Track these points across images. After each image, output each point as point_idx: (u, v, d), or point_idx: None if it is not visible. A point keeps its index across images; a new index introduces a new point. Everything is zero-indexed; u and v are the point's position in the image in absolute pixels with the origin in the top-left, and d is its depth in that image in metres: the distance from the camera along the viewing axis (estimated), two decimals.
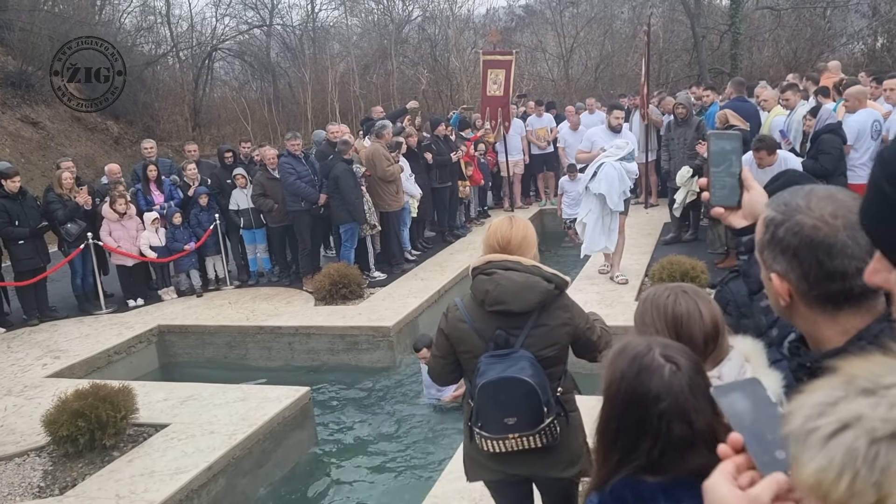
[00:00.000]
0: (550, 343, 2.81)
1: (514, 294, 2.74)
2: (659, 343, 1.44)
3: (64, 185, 8.60)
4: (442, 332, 2.95)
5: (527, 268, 2.78)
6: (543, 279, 2.79)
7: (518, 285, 2.75)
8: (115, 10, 24.21)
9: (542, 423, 2.73)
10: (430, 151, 10.29)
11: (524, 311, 2.77)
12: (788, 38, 20.95)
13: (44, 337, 7.97)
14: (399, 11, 26.22)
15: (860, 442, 0.60)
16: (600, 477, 1.42)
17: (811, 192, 1.30)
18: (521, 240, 2.85)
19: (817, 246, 1.25)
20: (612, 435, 1.39)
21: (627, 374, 1.38)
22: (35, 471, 5.00)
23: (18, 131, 16.87)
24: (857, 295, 1.26)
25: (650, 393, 1.35)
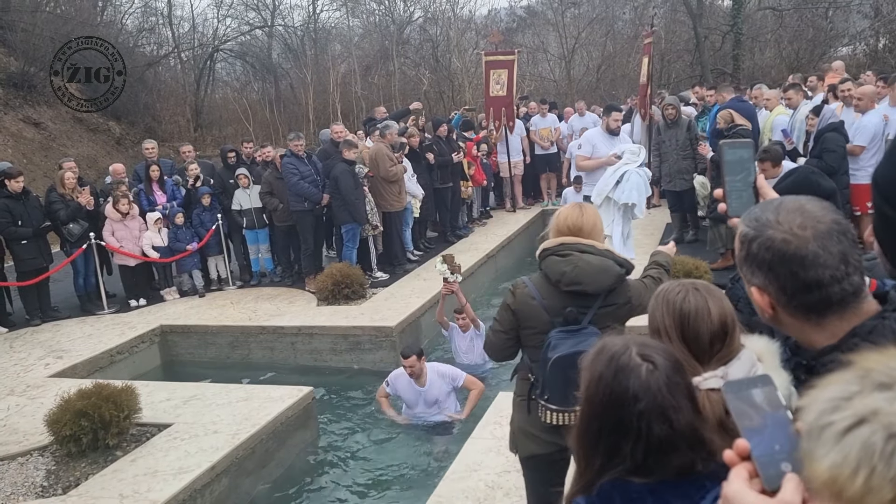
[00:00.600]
0: (614, 322, 3.00)
1: (591, 276, 2.93)
2: (636, 342, 1.43)
3: (66, 185, 8.60)
4: (509, 307, 3.09)
5: (601, 251, 2.98)
6: (616, 263, 2.98)
7: (594, 268, 2.94)
8: (117, 10, 24.25)
9: None
10: (432, 152, 10.29)
11: (597, 293, 2.96)
12: (790, 38, 20.95)
13: (46, 337, 7.97)
14: (401, 12, 26.25)
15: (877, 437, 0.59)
16: (585, 480, 1.40)
17: (780, 206, 1.32)
18: (592, 226, 3.04)
19: (790, 259, 1.27)
20: (594, 437, 1.38)
21: (605, 374, 1.38)
22: (38, 470, 5.00)
23: (21, 132, 16.88)
24: (836, 301, 1.28)
25: (628, 393, 1.34)
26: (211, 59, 24.85)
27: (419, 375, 5.82)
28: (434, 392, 5.87)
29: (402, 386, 5.97)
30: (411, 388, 5.91)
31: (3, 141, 16.19)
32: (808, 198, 1.34)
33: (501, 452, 4.62)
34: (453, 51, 23.25)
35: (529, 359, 3.11)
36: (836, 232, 1.28)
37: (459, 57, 22.90)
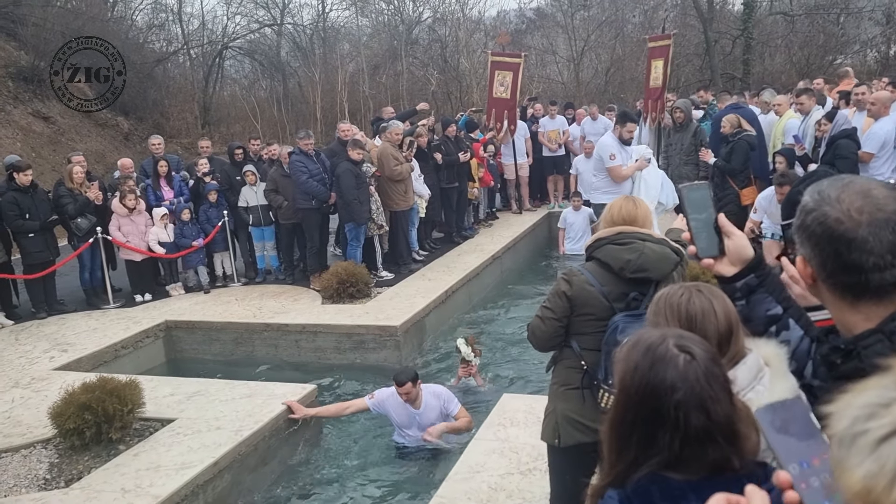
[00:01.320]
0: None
1: (654, 263, 3.07)
2: (673, 334, 1.42)
3: (75, 179, 8.62)
4: (564, 294, 3.15)
5: (659, 240, 3.13)
6: (672, 251, 3.13)
7: (658, 255, 3.08)
8: (127, 6, 24.33)
9: None
10: (440, 152, 10.28)
11: (660, 279, 3.04)
12: (801, 44, 20.89)
13: (52, 330, 7.99)
14: (409, 12, 26.27)
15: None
16: (616, 473, 1.38)
17: (848, 185, 1.32)
18: (645, 217, 3.18)
19: (838, 238, 1.28)
20: (628, 428, 1.37)
21: (641, 365, 1.36)
22: (41, 463, 5.00)
23: (30, 126, 16.94)
24: (874, 288, 1.30)
25: (665, 383, 1.33)
26: (220, 56, 24.91)
27: (414, 400, 5.46)
28: (430, 415, 5.45)
29: (393, 406, 5.53)
30: (405, 411, 5.48)
31: (12, 134, 16.25)
32: (880, 183, 1.35)
33: (505, 454, 4.61)
34: (462, 51, 23.24)
35: (580, 346, 3.17)
36: (893, 223, 1.28)
37: (468, 58, 22.89)
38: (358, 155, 8.62)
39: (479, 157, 11.40)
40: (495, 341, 7.96)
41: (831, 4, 21.32)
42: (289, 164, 8.86)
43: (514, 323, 8.45)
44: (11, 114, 16.70)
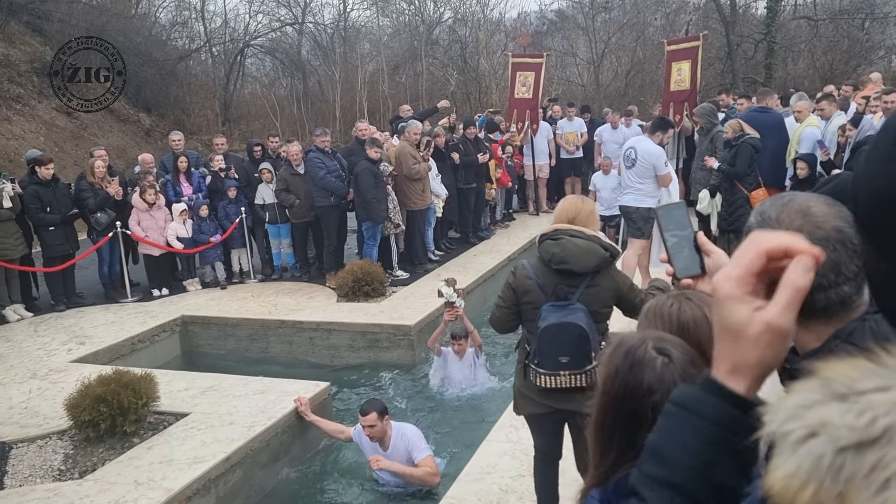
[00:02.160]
0: (599, 301, 3.42)
1: (577, 256, 3.36)
2: (653, 337, 1.43)
3: (96, 173, 8.72)
4: (510, 286, 3.56)
5: (589, 237, 3.40)
6: (601, 247, 3.40)
7: (581, 249, 3.37)
8: (151, 4, 24.54)
9: (589, 364, 3.32)
10: (458, 152, 10.27)
11: (583, 272, 3.38)
12: (825, 49, 20.64)
13: (70, 322, 8.08)
14: (430, 13, 26.29)
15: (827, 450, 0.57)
16: (599, 474, 1.40)
17: (787, 204, 1.31)
18: (588, 215, 3.48)
19: None
20: (609, 430, 1.39)
21: (621, 368, 1.38)
22: (56, 454, 5.06)
23: (53, 120, 17.16)
24: (820, 308, 1.27)
25: (642, 385, 1.34)
26: (241, 54, 25.07)
27: (381, 438, 4.88)
28: (397, 458, 4.89)
29: (365, 442, 5.03)
30: (373, 450, 4.97)
31: (36, 129, 16.47)
32: (821, 198, 1.33)
33: (516, 456, 4.59)
34: (482, 52, 23.22)
35: (528, 331, 3.57)
36: (833, 240, 1.26)
37: (488, 59, 22.86)
38: (376, 153, 8.64)
39: (497, 157, 11.38)
40: (509, 343, 7.93)
41: (856, 9, 21.06)
42: (306, 162, 8.90)
43: None
44: (35, 108, 16.92)
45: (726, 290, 0.83)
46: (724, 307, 0.84)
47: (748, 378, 0.84)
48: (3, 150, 14.72)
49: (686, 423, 0.87)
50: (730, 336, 0.84)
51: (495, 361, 7.19)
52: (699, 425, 0.85)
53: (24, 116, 16.54)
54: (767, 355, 0.82)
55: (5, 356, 7.09)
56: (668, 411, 0.90)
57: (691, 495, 0.86)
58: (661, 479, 0.88)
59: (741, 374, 0.84)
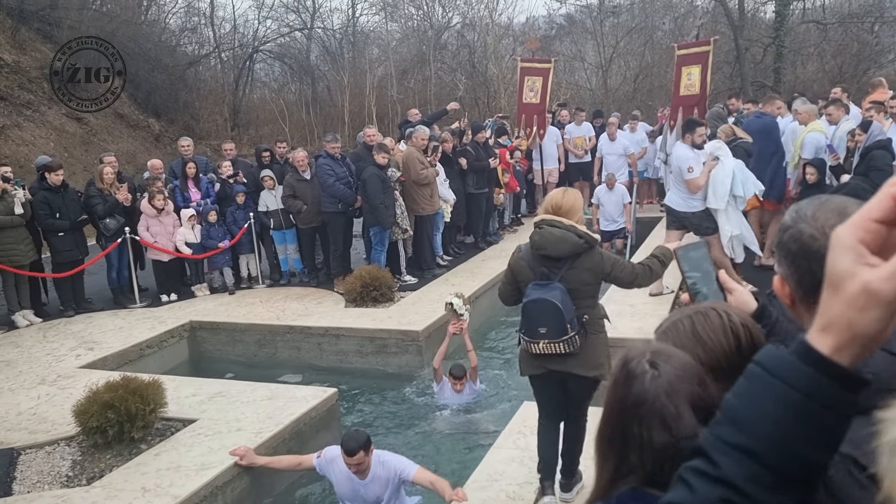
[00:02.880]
0: (579, 281, 3.93)
1: (552, 243, 3.88)
2: (653, 349, 1.41)
3: (105, 179, 8.75)
4: (510, 266, 4.15)
5: (565, 226, 3.87)
6: (576, 235, 3.87)
7: (556, 238, 3.87)
8: (161, 10, 24.69)
9: (566, 334, 3.86)
10: (467, 157, 10.26)
11: (560, 257, 3.89)
12: (834, 52, 20.54)
13: (79, 328, 8.10)
14: (439, 18, 26.32)
15: None
16: (599, 487, 1.39)
17: (824, 203, 1.31)
18: (570, 207, 3.94)
19: (811, 256, 1.25)
20: (605, 443, 1.38)
21: (619, 379, 1.38)
22: (64, 460, 5.06)
23: (63, 126, 17.26)
24: None
25: (629, 399, 1.34)
26: (250, 59, 25.18)
27: (364, 470, 4.50)
28: (376, 489, 4.50)
29: (336, 473, 4.60)
30: (347, 480, 4.54)
31: (46, 135, 16.57)
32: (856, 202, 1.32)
33: (524, 463, 4.57)
34: (490, 57, 23.23)
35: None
36: None
37: (496, 63, 22.87)
38: (384, 159, 8.63)
39: (505, 162, 11.37)
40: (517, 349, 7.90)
41: (865, 13, 20.95)
42: (316, 167, 8.90)
43: None
44: (46, 114, 17.03)
45: (841, 236, 0.77)
46: (832, 253, 0.78)
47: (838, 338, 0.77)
48: (13, 155, 14.80)
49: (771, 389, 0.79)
50: (830, 287, 0.78)
51: (492, 371, 7.16)
52: (786, 393, 0.78)
53: (35, 122, 16.65)
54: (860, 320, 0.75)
55: (15, 362, 7.11)
56: (752, 373, 0.82)
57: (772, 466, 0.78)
58: (738, 445, 0.81)
59: (831, 332, 0.77)
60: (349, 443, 4.39)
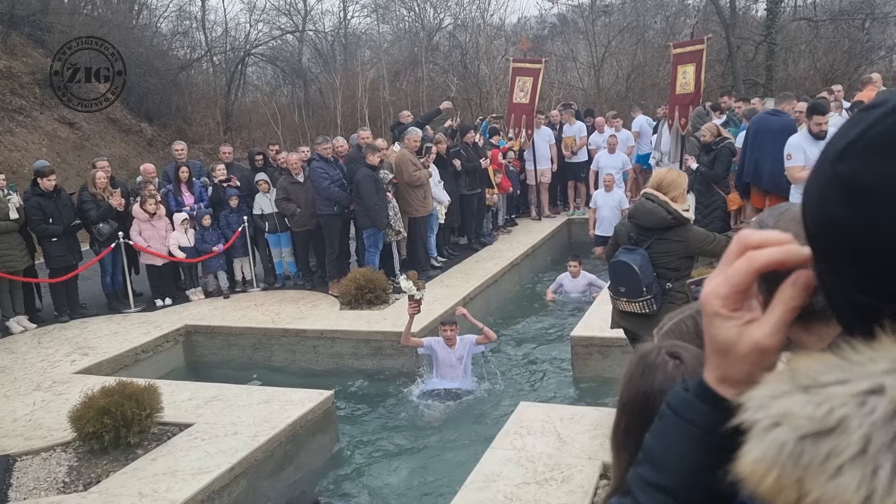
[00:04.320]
0: (665, 251, 4.38)
1: (643, 215, 4.41)
2: (668, 344, 1.47)
3: (98, 184, 8.73)
4: (615, 229, 4.87)
5: (659, 201, 4.33)
6: (666, 211, 4.31)
7: (646, 210, 4.38)
8: (152, 14, 24.64)
9: (642, 297, 4.34)
10: (459, 158, 10.27)
11: (649, 227, 4.38)
12: (825, 49, 20.63)
13: (73, 333, 8.08)
14: (430, 19, 26.35)
15: (789, 438, 0.62)
16: (617, 479, 1.43)
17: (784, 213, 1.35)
18: (669, 182, 4.37)
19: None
20: (624, 433, 1.42)
21: (635, 374, 1.42)
22: (60, 466, 5.05)
23: (55, 131, 17.21)
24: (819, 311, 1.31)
25: (654, 387, 1.38)
26: (242, 62, 25.13)
27: None
28: None
29: None
30: None
31: (38, 140, 16.51)
32: None
33: (521, 464, 4.57)
34: (482, 58, 23.25)
35: None
36: None
37: (488, 64, 22.89)
38: (376, 159, 8.64)
39: (497, 163, 11.38)
40: (513, 349, 7.93)
41: (856, 10, 21.05)
42: (309, 170, 8.90)
43: (532, 331, 8.41)
44: (38, 119, 16.97)
45: (714, 307, 0.82)
46: (712, 325, 0.83)
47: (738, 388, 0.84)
48: (6, 161, 14.75)
49: (678, 428, 0.87)
50: (718, 352, 0.84)
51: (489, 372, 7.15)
52: (690, 431, 0.86)
53: (27, 128, 16.59)
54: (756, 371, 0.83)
55: (9, 368, 7.09)
56: (663, 414, 0.91)
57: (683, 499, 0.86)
58: (654, 483, 0.89)
59: (730, 384, 0.84)
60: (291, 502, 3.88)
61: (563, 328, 8.04)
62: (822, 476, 0.59)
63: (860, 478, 0.58)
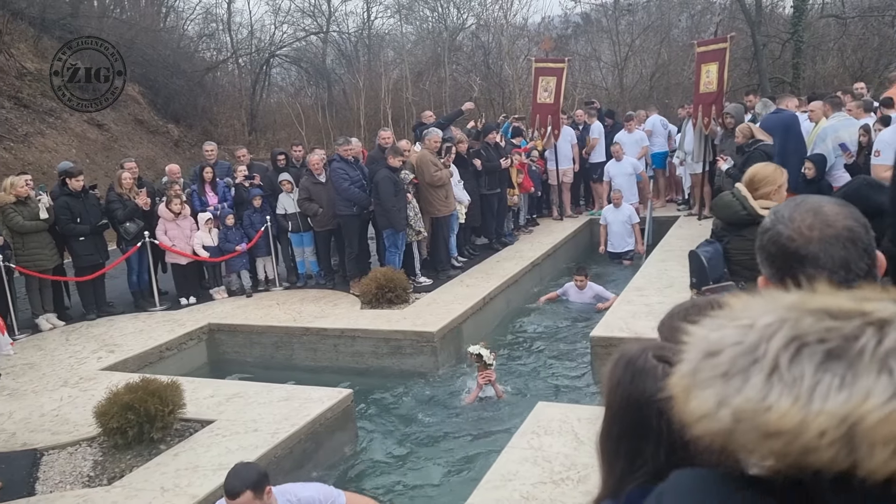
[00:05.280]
0: (741, 250, 4.12)
1: (720, 208, 4.31)
2: (653, 346, 1.44)
3: (124, 184, 8.89)
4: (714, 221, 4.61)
5: (738, 196, 4.13)
6: (741, 206, 4.09)
7: (723, 202, 4.24)
8: (179, 17, 24.99)
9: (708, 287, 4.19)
10: (480, 158, 10.28)
11: (727, 221, 4.19)
12: (854, 47, 20.30)
13: (100, 331, 8.24)
14: (453, 19, 26.37)
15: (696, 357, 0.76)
16: (607, 486, 1.41)
17: (800, 204, 1.38)
18: (761, 178, 4.12)
19: (791, 255, 1.33)
20: (615, 441, 1.39)
21: (623, 380, 1.39)
22: (86, 460, 5.16)
23: (84, 133, 17.53)
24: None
25: (645, 394, 1.35)
26: (267, 64, 25.38)
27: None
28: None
29: None
30: None
31: (68, 141, 16.83)
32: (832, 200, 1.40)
33: (538, 463, 4.58)
34: (505, 58, 23.23)
35: None
36: (843, 238, 1.32)
37: (511, 64, 22.86)
38: (397, 161, 8.68)
39: (520, 163, 11.37)
40: (532, 349, 7.93)
41: (886, 6, 20.66)
42: (330, 171, 8.98)
43: (551, 331, 8.40)
44: (68, 121, 17.30)
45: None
46: None
47: None
48: (36, 162, 15.06)
49: None
50: None
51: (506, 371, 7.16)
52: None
53: (57, 129, 16.92)
54: None
55: (38, 364, 7.25)
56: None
57: None
58: None
59: None
60: (231, 480, 3.38)
61: (583, 328, 8.02)
62: (698, 388, 0.74)
63: (717, 393, 0.71)
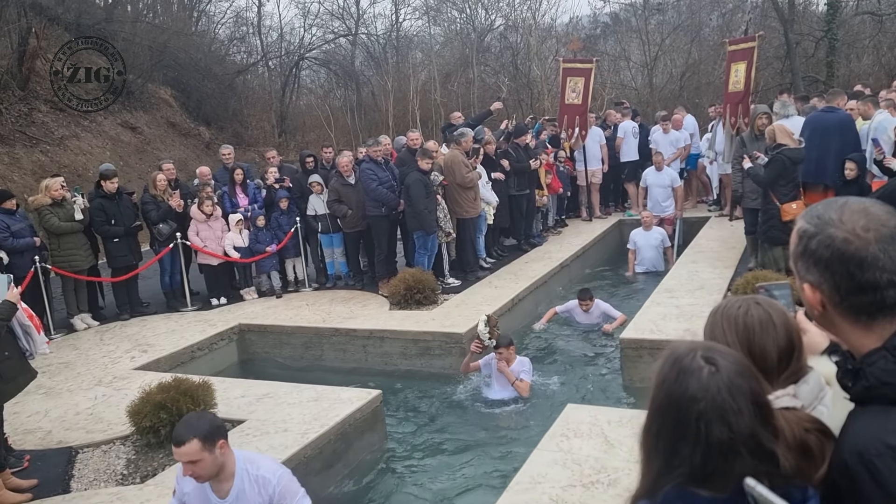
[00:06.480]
0: None
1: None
2: (703, 346, 1.42)
3: (158, 187, 9.03)
4: None
5: None
6: None
7: None
8: (210, 21, 25.33)
9: None
10: (508, 158, 10.25)
11: None
12: (890, 44, 19.88)
13: (133, 331, 8.37)
14: (481, 20, 26.36)
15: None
16: (644, 484, 1.40)
17: (845, 206, 1.34)
18: None
19: (849, 259, 1.28)
20: (654, 438, 1.38)
21: (668, 377, 1.38)
22: (119, 459, 5.24)
23: (118, 135, 17.83)
24: (890, 305, 1.29)
25: (687, 394, 1.34)
26: (296, 66, 25.61)
27: (212, 476, 3.14)
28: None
29: (190, 491, 3.29)
30: (203, 498, 3.25)
31: (102, 144, 17.13)
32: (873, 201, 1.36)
33: (567, 466, 4.54)
34: (533, 58, 23.14)
35: None
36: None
37: (539, 65, 22.76)
38: (427, 164, 8.69)
39: (548, 163, 11.32)
40: (561, 351, 7.87)
41: None
42: (359, 172, 9.02)
43: (580, 332, 8.34)
44: (102, 124, 17.61)
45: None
46: None
47: None
48: (72, 164, 15.36)
49: None
50: None
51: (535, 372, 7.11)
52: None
53: (92, 132, 17.23)
54: None
55: (73, 364, 7.39)
56: None
57: None
58: None
59: None
60: (179, 428, 3.02)
61: (613, 330, 7.95)
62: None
63: None
